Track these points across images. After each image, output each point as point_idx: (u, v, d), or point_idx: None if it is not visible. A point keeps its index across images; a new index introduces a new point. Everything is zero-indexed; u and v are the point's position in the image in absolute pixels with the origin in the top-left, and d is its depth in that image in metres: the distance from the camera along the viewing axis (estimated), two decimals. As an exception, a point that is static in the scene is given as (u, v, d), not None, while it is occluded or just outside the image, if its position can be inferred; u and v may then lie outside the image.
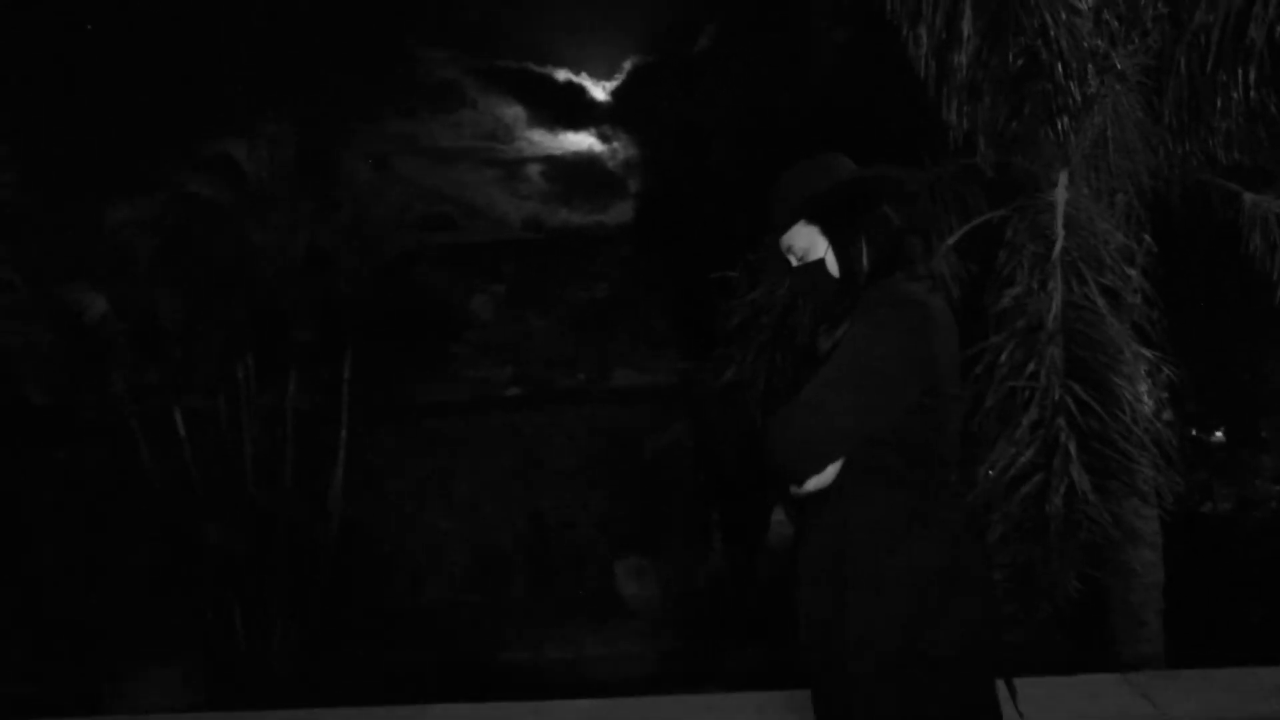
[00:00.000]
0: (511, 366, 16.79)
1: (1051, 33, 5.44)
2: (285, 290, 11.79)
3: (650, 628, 11.83)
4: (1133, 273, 5.57)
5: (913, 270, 2.35)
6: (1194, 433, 10.37)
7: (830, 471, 2.24)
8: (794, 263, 2.41)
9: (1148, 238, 5.85)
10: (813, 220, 2.39)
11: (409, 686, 10.04)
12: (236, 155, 12.50)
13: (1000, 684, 2.26)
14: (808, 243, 2.39)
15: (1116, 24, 5.74)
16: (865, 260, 2.33)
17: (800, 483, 2.25)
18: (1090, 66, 5.59)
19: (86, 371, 11.44)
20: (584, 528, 13.23)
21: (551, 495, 13.56)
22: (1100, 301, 5.10)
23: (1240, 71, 5.47)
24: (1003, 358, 5.04)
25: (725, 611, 11.32)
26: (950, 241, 6.21)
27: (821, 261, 2.37)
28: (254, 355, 12.10)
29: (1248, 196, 5.85)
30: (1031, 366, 4.94)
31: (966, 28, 5.74)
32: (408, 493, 13.45)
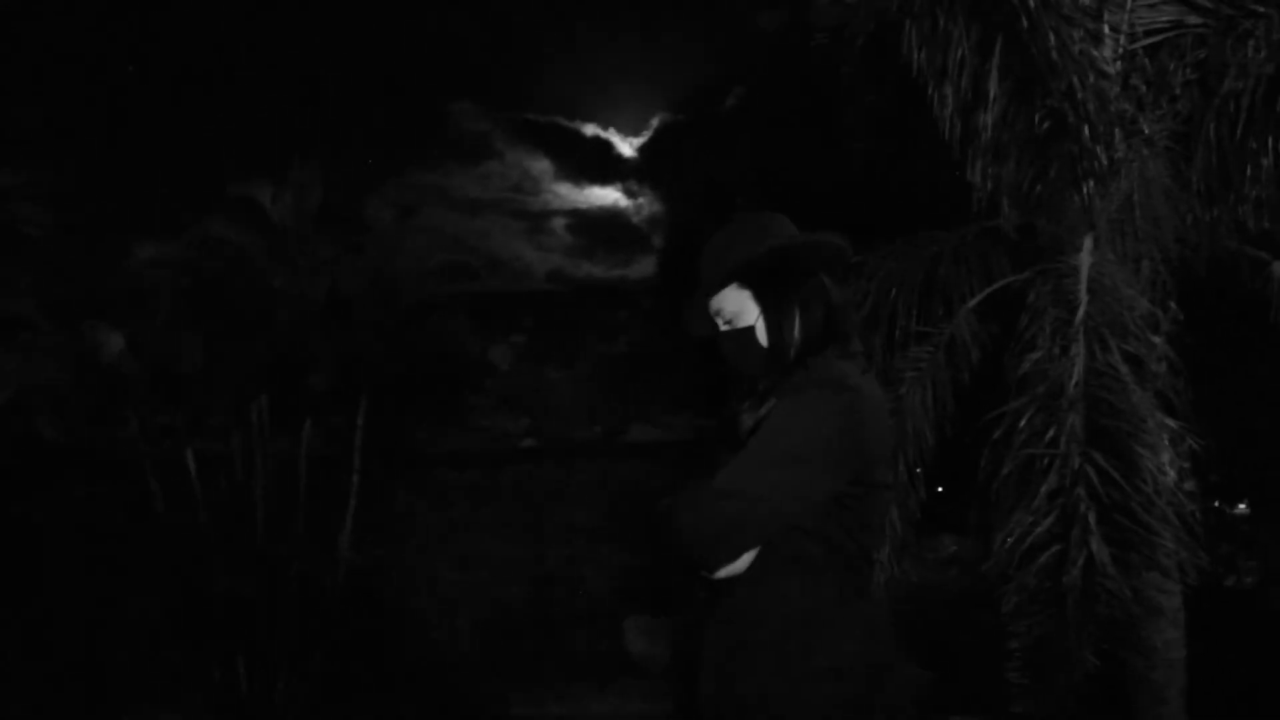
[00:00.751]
0: (528, 418, 16.69)
1: (1079, 95, 5.38)
2: (303, 335, 11.75)
3: (658, 688, 11.62)
4: (1158, 340, 5.46)
5: (846, 347, 2.22)
6: (1217, 504, 10.18)
7: (744, 560, 2.10)
8: (722, 326, 2.29)
9: (1173, 305, 5.75)
10: (745, 284, 2.27)
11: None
12: (261, 199, 12.53)
13: None
14: (737, 307, 2.27)
15: (1145, 89, 5.69)
16: (796, 332, 2.21)
17: (711, 572, 2.11)
18: (1118, 131, 5.53)
19: (101, 411, 11.42)
20: (594, 583, 13.06)
21: (563, 549, 13.40)
22: (1124, 369, 4.99)
23: (1270, 139, 5.38)
24: (1022, 424, 4.94)
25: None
26: (971, 304, 6.14)
27: (751, 329, 2.24)
28: (269, 400, 12.04)
29: (1277, 265, 5.77)
30: (1051, 433, 4.83)
31: (993, 88, 5.70)
32: (418, 543, 13.31)
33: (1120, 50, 5.68)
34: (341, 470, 12.42)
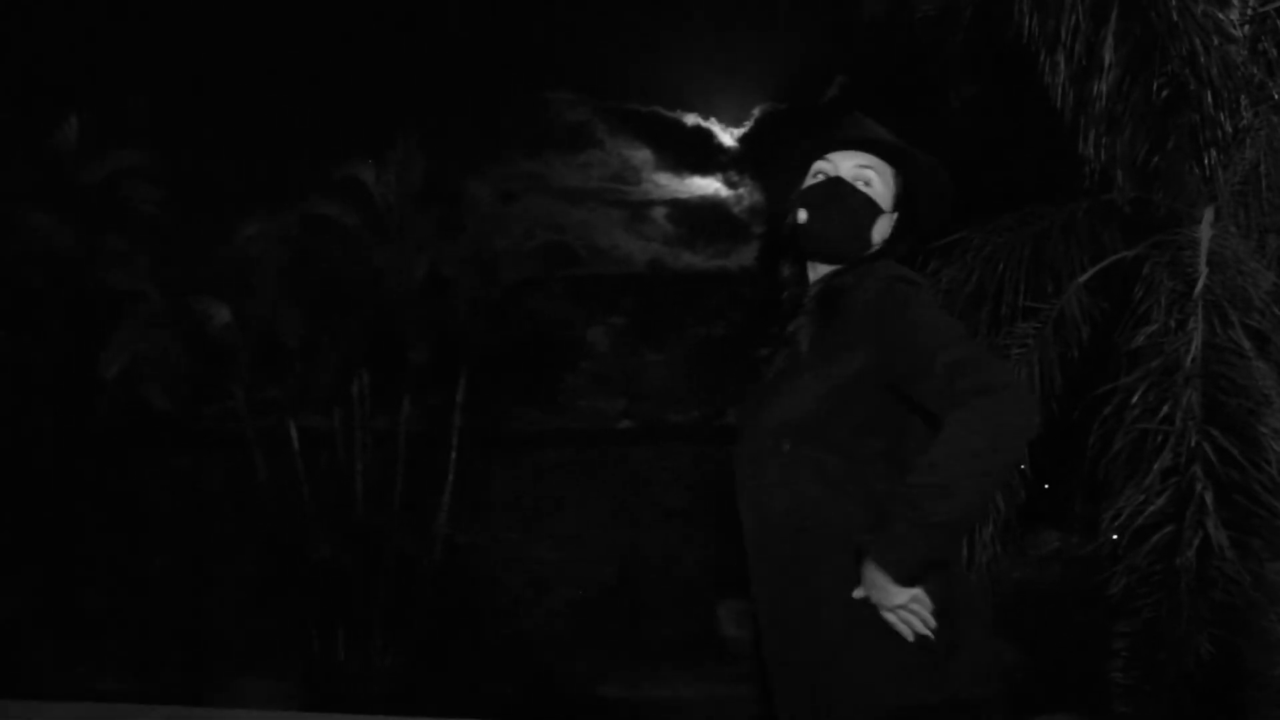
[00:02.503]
0: (624, 399, 16.67)
1: (1201, 60, 5.11)
2: (404, 313, 11.92)
3: (749, 672, 11.52)
4: (1285, 316, 5.17)
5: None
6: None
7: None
8: (854, 179, 2.15)
9: (1304, 279, 5.45)
10: (900, 182, 2.16)
11: (503, 713, 9.94)
12: (365, 179, 12.75)
13: None
14: (879, 178, 2.15)
15: (1275, 51, 5.39)
16: (884, 244, 2.14)
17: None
18: (1243, 97, 5.25)
19: (208, 382, 11.73)
20: (687, 566, 12.99)
21: (656, 531, 13.37)
22: (1246, 344, 4.74)
23: None
24: (1134, 399, 4.72)
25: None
26: (1082, 279, 5.89)
27: (877, 206, 2.12)
28: (370, 375, 12.25)
29: None
30: (1166, 410, 4.60)
31: (1108, 55, 5.45)
32: (513, 520, 13.41)
33: (1249, 13, 5.39)
34: (439, 448, 12.59)
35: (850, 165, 2.13)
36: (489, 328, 12.42)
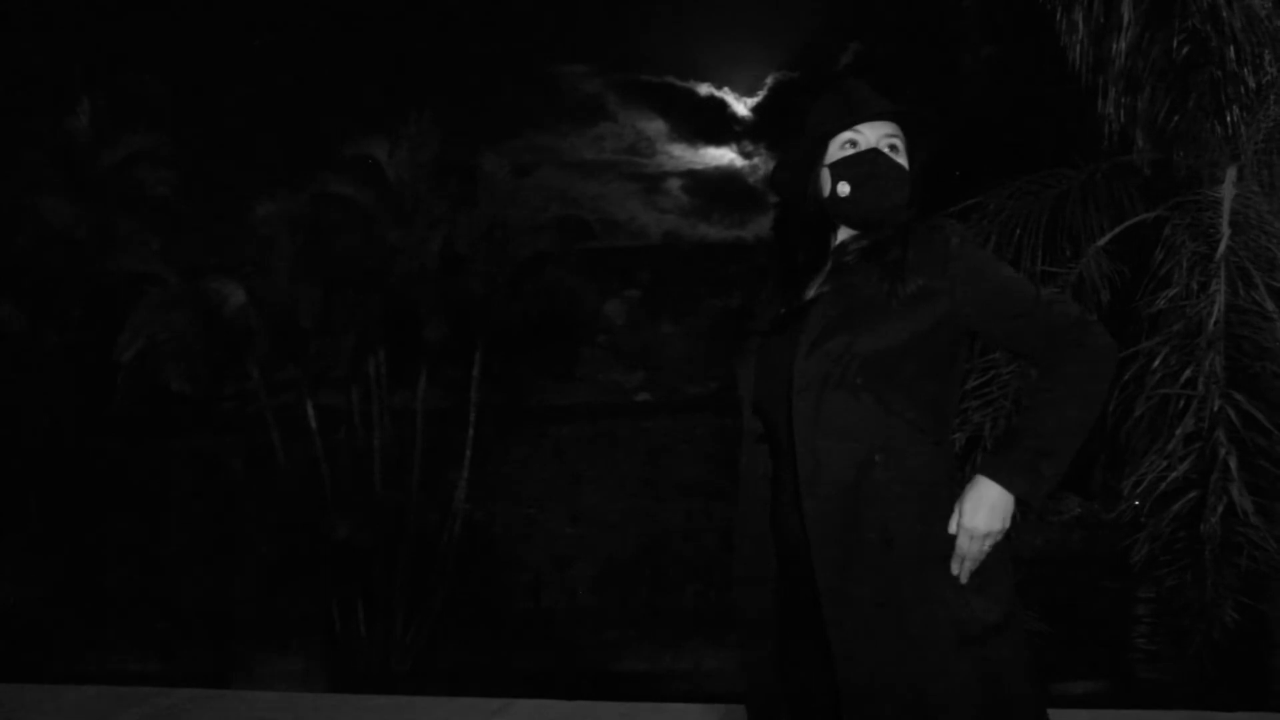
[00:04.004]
0: (642, 372, 16.65)
1: (1223, 14, 4.99)
2: (419, 289, 11.89)
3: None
4: (1311, 276, 5.06)
5: None
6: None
7: None
8: (885, 148, 2.18)
9: (1330, 239, 5.33)
10: (910, 151, 2.20)
11: (524, 688, 9.94)
12: (378, 156, 12.69)
13: None
14: (902, 146, 2.17)
15: (1300, 3, 5.26)
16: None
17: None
18: (1267, 52, 5.11)
19: (225, 363, 11.74)
20: (707, 537, 12.98)
21: (676, 503, 13.34)
22: (1270, 306, 4.64)
23: None
24: (1155, 364, 4.64)
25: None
26: (1100, 242, 5.79)
27: (904, 171, 2.15)
28: (386, 353, 12.24)
29: None
30: (1188, 374, 4.52)
31: (1126, 12, 5.34)
32: (532, 495, 13.40)
33: (1271, -36, 5.26)
34: (457, 424, 12.58)
35: (878, 136, 2.18)
36: (505, 303, 12.37)
